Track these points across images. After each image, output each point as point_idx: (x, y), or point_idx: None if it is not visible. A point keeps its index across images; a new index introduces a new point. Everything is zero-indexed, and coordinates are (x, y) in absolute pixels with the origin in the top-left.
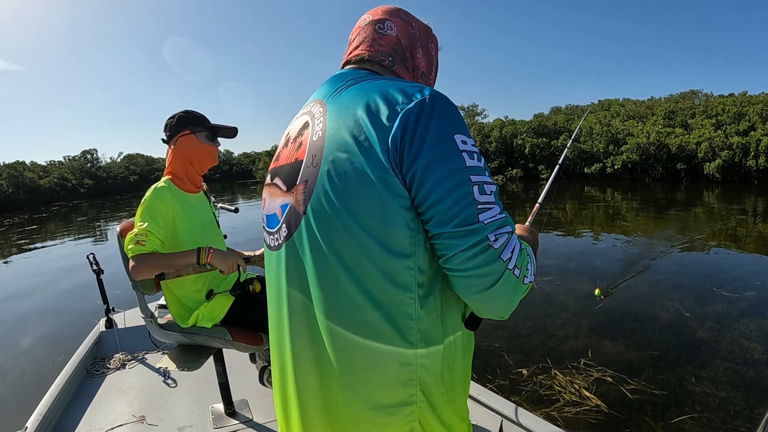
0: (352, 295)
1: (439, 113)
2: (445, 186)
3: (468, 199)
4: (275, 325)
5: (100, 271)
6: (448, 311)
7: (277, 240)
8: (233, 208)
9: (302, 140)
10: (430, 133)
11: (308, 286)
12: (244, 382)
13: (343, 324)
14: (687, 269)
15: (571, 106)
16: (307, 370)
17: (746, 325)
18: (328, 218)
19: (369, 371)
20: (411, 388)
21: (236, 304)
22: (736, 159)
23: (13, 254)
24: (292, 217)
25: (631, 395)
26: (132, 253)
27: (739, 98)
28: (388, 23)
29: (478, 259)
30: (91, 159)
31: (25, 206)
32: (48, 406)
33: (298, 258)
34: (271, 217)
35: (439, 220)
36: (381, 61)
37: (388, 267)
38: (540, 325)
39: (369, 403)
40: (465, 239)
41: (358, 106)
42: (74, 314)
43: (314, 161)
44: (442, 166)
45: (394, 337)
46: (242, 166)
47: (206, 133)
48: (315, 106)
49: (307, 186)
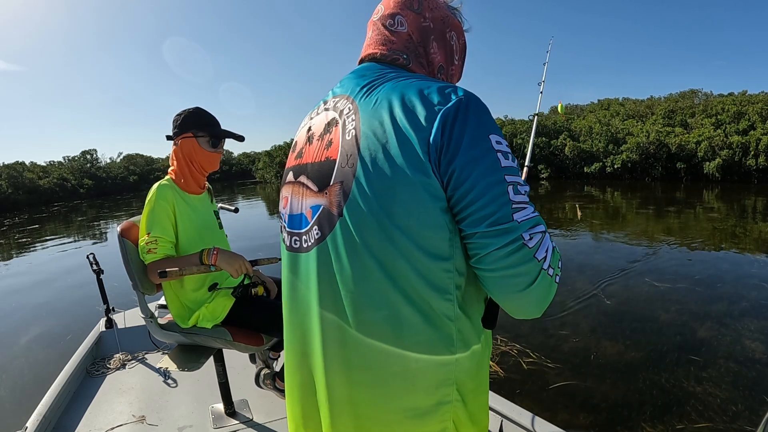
0: (390, 301)
1: (475, 114)
2: (481, 185)
3: (503, 199)
4: (295, 330)
5: (100, 271)
6: (479, 311)
7: (306, 242)
8: (233, 208)
9: (332, 138)
10: (467, 133)
11: (341, 291)
12: (244, 382)
13: (379, 335)
14: (687, 269)
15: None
16: (335, 380)
17: (746, 325)
18: (365, 221)
19: (407, 380)
20: (448, 388)
21: (237, 304)
22: (735, 158)
23: (13, 254)
24: (325, 219)
25: (631, 395)
26: (147, 261)
27: (738, 97)
28: (398, 18)
29: (513, 258)
30: (90, 159)
31: (24, 207)
32: (48, 406)
33: (331, 262)
34: (296, 217)
35: (473, 220)
36: (395, 60)
37: (427, 270)
38: (540, 325)
39: (405, 408)
40: (499, 238)
41: (393, 106)
42: (74, 314)
43: (349, 161)
44: (479, 166)
45: (434, 343)
46: (242, 166)
47: (209, 138)
48: (342, 102)
49: (342, 187)
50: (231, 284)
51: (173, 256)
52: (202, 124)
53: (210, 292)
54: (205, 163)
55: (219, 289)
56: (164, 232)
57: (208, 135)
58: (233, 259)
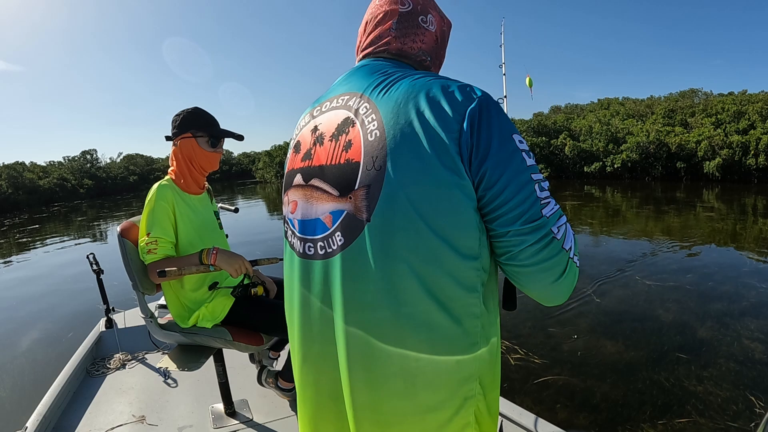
0: (423, 307)
1: (497, 113)
2: (513, 186)
3: (532, 198)
4: (307, 340)
5: (100, 271)
6: (495, 302)
7: (323, 248)
8: (233, 208)
9: (350, 139)
10: (494, 134)
11: (367, 300)
12: (244, 382)
13: (411, 344)
14: (687, 268)
15: (571, 105)
16: (356, 387)
17: (746, 324)
18: (398, 224)
19: (436, 385)
20: (473, 383)
21: (237, 304)
22: (735, 158)
23: (13, 255)
24: (349, 225)
25: (631, 395)
26: (148, 261)
27: (738, 97)
28: (429, 17)
29: (546, 251)
30: (90, 159)
31: (24, 207)
32: (48, 406)
33: (357, 269)
34: (311, 223)
35: (507, 219)
36: (423, 60)
37: (459, 271)
38: (539, 325)
39: (434, 412)
40: (533, 235)
41: (420, 105)
42: (74, 314)
43: (376, 164)
44: (509, 167)
45: (462, 342)
46: (242, 166)
47: (208, 138)
48: (355, 101)
49: (370, 191)
50: (231, 284)
51: (173, 256)
52: (201, 124)
53: (210, 292)
54: (205, 163)
55: (219, 289)
56: (164, 233)
57: (206, 135)
58: (233, 258)
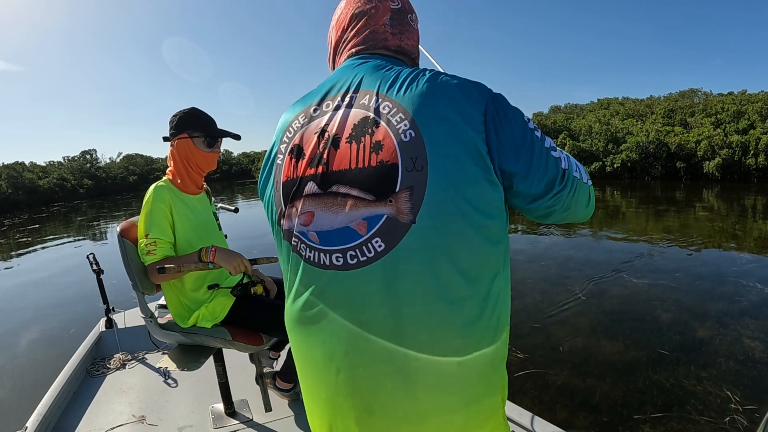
0: (467, 302)
1: (508, 106)
2: (538, 167)
3: (552, 164)
4: (333, 357)
5: (100, 271)
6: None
7: (358, 257)
8: (233, 208)
9: (379, 140)
10: (510, 126)
11: (410, 301)
12: (244, 382)
13: (457, 345)
14: (686, 268)
15: (571, 105)
16: (402, 400)
17: (746, 324)
18: (443, 224)
19: (480, 382)
20: (502, 368)
21: (236, 304)
22: (735, 157)
23: (13, 255)
24: (390, 229)
25: (631, 395)
26: (147, 262)
27: (738, 97)
28: (413, 15)
29: (576, 192)
30: (90, 159)
31: (24, 207)
32: (48, 406)
33: (403, 272)
34: (336, 233)
35: (538, 193)
36: (415, 58)
37: (489, 259)
38: (539, 325)
39: (479, 408)
40: (565, 190)
41: (449, 104)
42: (74, 314)
43: (417, 164)
44: (529, 153)
45: (494, 331)
46: (241, 166)
47: (204, 138)
48: (371, 99)
49: (414, 192)
50: (230, 284)
51: (172, 256)
52: (198, 124)
53: (210, 292)
54: (202, 163)
55: (219, 289)
56: (163, 233)
57: (203, 135)
58: (232, 256)
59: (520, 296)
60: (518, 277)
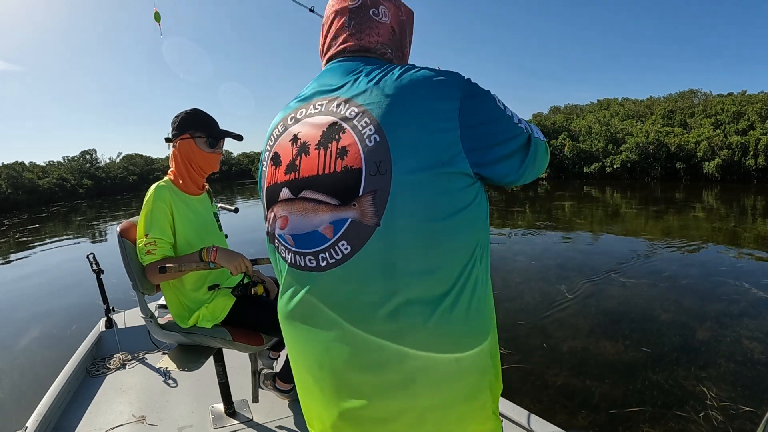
0: (436, 302)
1: (481, 94)
2: (513, 148)
3: (517, 131)
4: (316, 352)
5: (100, 271)
6: (489, 273)
7: (327, 259)
8: (233, 208)
9: (344, 145)
10: (488, 114)
11: (377, 303)
12: (244, 382)
13: (423, 333)
14: (686, 269)
15: (570, 105)
16: (376, 400)
17: (746, 324)
18: (408, 225)
19: (459, 378)
20: (489, 364)
21: (237, 304)
22: (735, 158)
23: (12, 255)
24: (355, 232)
25: (630, 395)
26: (146, 262)
27: (738, 97)
28: (382, 8)
29: (536, 152)
30: (90, 159)
31: (24, 207)
32: (48, 406)
33: (368, 273)
34: (307, 236)
35: (511, 169)
36: (383, 53)
37: (461, 255)
38: (539, 325)
39: (465, 397)
40: (530, 153)
41: (415, 103)
42: (74, 314)
43: (381, 168)
44: (501, 134)
45: (475, 324)
46: (241, 166)
47: (206, 139)
48: (338, 105)
49: (377, 196)
50: (231, 284)
51: (172, 257)
52: (200, 124)
53: (210, 292)
54: (204, 164)
55: (219, 289)
56: (162, 234)
57: (205, 135)
58: (232, 256)
59: (519, 296)
60: (518, 277)
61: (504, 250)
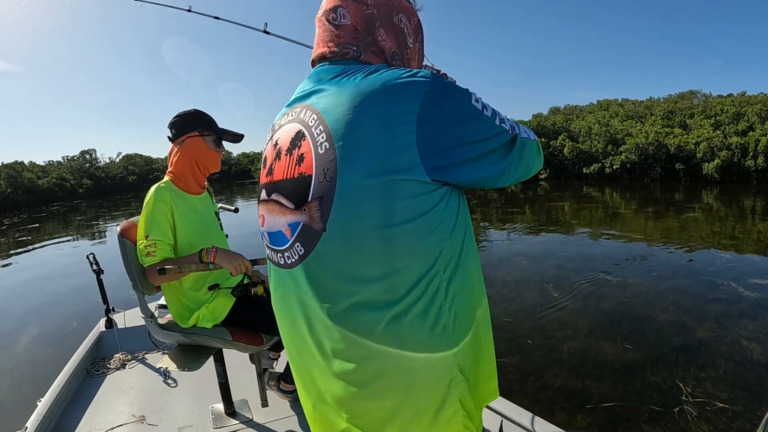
0: (384, 309)
1: (447, 96)
2: (477, 143)
3: (498, 137)
4: (295, 341)
5: (100, 271)
6: (473, 287)
7: (289, 258)
8: (233, 208)
9: (303, 152)
10: (450, 119)
11: (329, 304)
12: (244, 382)
13: (376, 338)
14: (686, 269)
15: (570, 106)
16: (338, 391)
17: (746, 325)
18: (354, 231)
19: (414, 382)
20: (451, 375)
21: (237, 304)
22: (734, 159)
23: (12, 254)
24: (306, 235)
25: (630, 396)
26: (146, 264)
27: (737, 98)
28: (340, 11)
29: (521, 151)
30: (89, 159)
31: (24, 206)
32: (48, 406)
33: (320, 275)
34: (276, 235)
35: (488, 172)
36: (346, 53)
37: (419, 263)
38: (538, 325)
39: (420, 410)
40: (510, 153)
41: (365, 108)
42: (74, 314)
43: (327, 175)
44: (471, 138)
45: (435, 339)
46: (241, 167)
47: (214, 137)
48: (304, 112)
49: (323, 202)
50: (231, 284)
51: (172, 258)
52: (206, 123)
53: (210, 292)
54: (210, 164)
55: (219, 289)
56: (163, 235)
57: (214, 134)
58: (232, 257)
59: (518, 297)
60: (517, 277)
61: (503, 250)
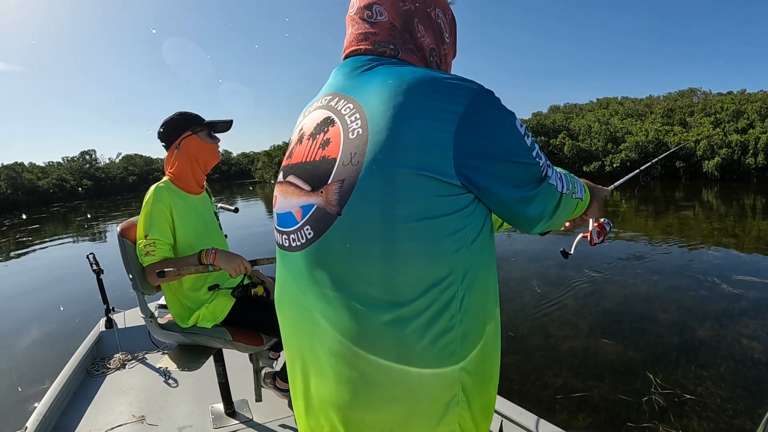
0: (392, 309)
1: (490, 111)
2: (511, 169)
3: (532, 168)
4: (290, 327)
5: (100, 271)
6: (488, 300)
7: (295, 241)
8: (233, 208)
9: (328, 137)
10: (489, 134)
11: (334, 295)
12: (244, 382)
13: (372, 342)
14: (685, 268)
15: (570, 104)
16: (329, 387)
17: (746, 324)
18: (369, 219)
19: (412, 399)
20: (451, 393)
21: (237, 305)
22: (734, 157)
23: (12, 255)
24: (319, 219)
25: (630, 395)
26: (146, 263)
27: (737, 96)
28: (375, 8)
29: (552, 199)
30: (89, 160)
31: (24, 207)
32: (48, 406)
33: (325, 261)
34: (285, 216)
35: (509, 194)
36: (383, 52)
37: (431, 269)
38: (539, 325)
39: (404, 418)
40: (539, 193)
41: (406, 100)
42: (74, 314)
43: (354, 159)
44: (510, 154)
45: (435, 351)
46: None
47: (207, 131)
48: (337, 101)
49: (343, 185)
50: (231, 284)
51: (171, 258)
52: (194, 121)
53: (210, 292)
54: (209, 157)
55: (219, 290)
56: (162, 235)
57: (205, 127)
58: (232, 258)
59: (518, 296)
60: (517, 277)
61: (503, 250)
